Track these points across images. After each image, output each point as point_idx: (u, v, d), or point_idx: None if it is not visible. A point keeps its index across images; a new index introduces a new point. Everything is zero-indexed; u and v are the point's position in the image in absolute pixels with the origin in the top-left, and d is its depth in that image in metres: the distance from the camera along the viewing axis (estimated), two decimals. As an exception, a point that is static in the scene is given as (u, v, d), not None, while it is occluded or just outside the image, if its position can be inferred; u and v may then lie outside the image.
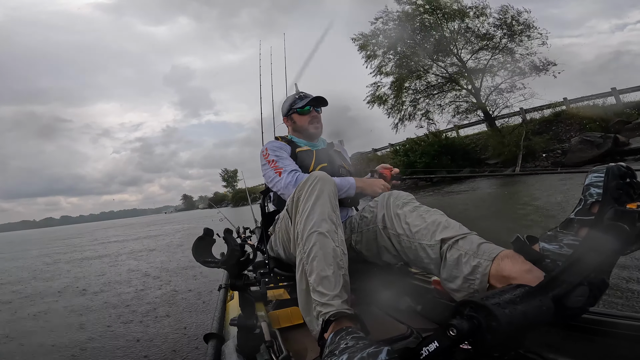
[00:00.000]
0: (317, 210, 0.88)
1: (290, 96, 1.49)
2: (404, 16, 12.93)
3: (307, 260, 0.84)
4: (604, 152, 8.02)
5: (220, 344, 0.89)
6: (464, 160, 12.03)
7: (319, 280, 0.80)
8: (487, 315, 0.48)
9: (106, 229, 20.33)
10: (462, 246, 0.81)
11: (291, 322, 1.01)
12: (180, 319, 2.42)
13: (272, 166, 1.23)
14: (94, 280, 4.28)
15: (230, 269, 0.79)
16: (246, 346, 0.81)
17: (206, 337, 0.91)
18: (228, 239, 0.75)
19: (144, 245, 8.06)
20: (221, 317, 1.10)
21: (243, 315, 0.80)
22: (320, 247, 0.83)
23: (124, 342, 2.09)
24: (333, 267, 0.82)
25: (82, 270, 5.27)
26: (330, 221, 0.87)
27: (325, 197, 0.90)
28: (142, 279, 4.04)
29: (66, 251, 9.05)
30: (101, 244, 10.17)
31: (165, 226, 15.81)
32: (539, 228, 3.46)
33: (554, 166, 9.11)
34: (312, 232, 0.85)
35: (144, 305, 2.89)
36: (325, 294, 0.78)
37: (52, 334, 2.39)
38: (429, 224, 0.89)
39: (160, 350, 1.91)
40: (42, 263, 6.79)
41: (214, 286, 2.62)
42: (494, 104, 12.46)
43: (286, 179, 1.17)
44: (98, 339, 2.20)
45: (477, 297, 0.53)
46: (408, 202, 1.01)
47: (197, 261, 0.75)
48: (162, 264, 5.00)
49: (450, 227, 0.87)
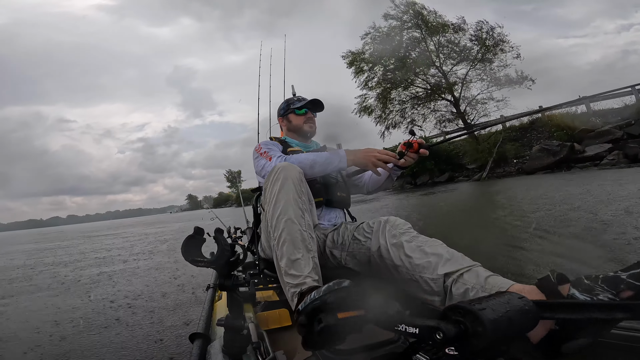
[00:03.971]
0: (282, 198, 0.90)
1: (288, 97, 1.50)
2: (391, 31, 13.95)
3: (277, 247, 0.85)
4: (559, 159, 8.78)
5: (206, 344, 0.87)
6: (447, 164, 12.83)
7: (290, 264, 0.82)
8: (473, 321, 0.48)
9: (132, 226, 19.35)
10: (468, 280, 0.79)
11: (280, 324, 1.00)
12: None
13: (264, 155, 1.22)
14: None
15: (220, 269, 0.78)
16: (233, 347, 0.79)
17: (192, 337, 0.90)
18: (219, 238, 0.75)
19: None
20: (208, 316, 1.09)
21: (231, 315, 0.79)
22: (288, 232, 0.85)
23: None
24: (302, 251, 0.83)
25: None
26: (296, 206, 0.89)
27: (289, 184, 0.91)
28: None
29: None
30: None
31: (200, 222, 15.05)
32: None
33: (518, 172, 9.99)
34: (279, 219, 0.87)
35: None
36: (297, 276, 0.80)
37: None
38: (430, 257, 0.86)
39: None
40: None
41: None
42: (473, 112, 13.42)
43: (276, 162, 1.15)
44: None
45: (465, 302, 0.53)
46: (405, 231, 0.97)
47: (186, 260, 0.74)
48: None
49: (452, 259, 0.84)
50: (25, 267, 5.51)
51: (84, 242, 9.82)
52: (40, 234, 22.75)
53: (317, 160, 1.12)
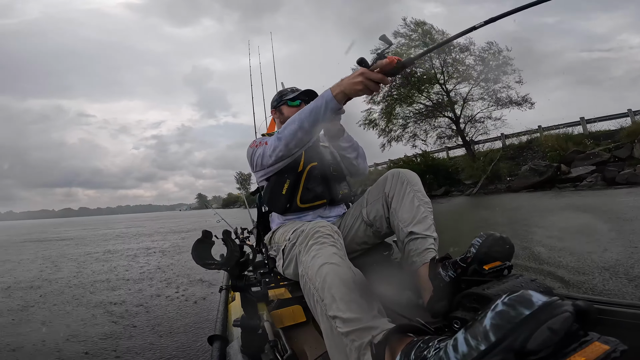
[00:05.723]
0: (321, 254, 0.76)
1: (281, 89, 1.43)
2: (399, 49, 14.84)
3: (322, 294, 0.68)
4: (544, 179, 9.10)
5: (225, 345, 0.89)
6: (445, 179, 13.33)
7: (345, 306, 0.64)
8: (488, 304, 0.44)
9: (157, 219, 20.82)
10: (417, 244, 0.90)
11: (294, 320, 0.99)
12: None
13: (260, 145, 1.14)
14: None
15: (231, 271, 0.79)
16: (251, 346, 0.80)
17: (210, 339, 0.91)
18: (227, 240, 0.76)
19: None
20: (224, 318, 1.10)
21: (246, 315, 0.80)
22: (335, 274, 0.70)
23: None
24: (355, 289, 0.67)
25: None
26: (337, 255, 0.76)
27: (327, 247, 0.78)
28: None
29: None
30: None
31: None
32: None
33: (507, 189, 10.31)
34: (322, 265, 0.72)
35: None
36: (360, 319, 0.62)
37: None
38: (414, 212, 0.96)
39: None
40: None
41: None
42: (472, 130, 13.98)
43: (272, 142, 1.07)
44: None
45: (479, 288, 0.55)
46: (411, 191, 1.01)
47: (197, 263, 0.74)
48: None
49: (421, 224, 0.94)
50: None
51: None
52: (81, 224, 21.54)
53: (304, 117, 0.95)
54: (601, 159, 9.15)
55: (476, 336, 0.39)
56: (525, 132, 13.57)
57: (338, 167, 1.28)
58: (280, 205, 1.16)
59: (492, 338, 0.37)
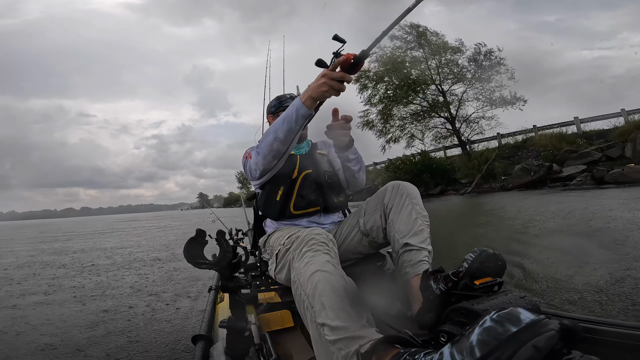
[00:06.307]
0: (314, 261, 0.77)
1: (280, 95, 1.38)
2: (395, 52, 14.76)
3: (312, 300, 0.69)
4: (536, 178, 9.22)
5: (209, 345, 0.88)
6: (442, 178, 13.42)
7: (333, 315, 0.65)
8: (476, 319, 0.44)
9: (171, 217, 20.62)
10: (412, 256, 0.92)
11: (282, 325, 0.98)
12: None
13: (248, 158, 1.14)
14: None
15: (222, 271, 0.78)
16: (235, 348, 0.79)
17: (194, 339, 0.89)
18: (220, 240, 0.75)
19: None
20: (210, 318, 1.09)
21: (233, 317, 0.79)
22: (327, 281, 0.71)
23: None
24: (345, 298, 0.68)
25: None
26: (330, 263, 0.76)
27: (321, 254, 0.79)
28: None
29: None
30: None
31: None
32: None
33: (501, 188, 10.44)
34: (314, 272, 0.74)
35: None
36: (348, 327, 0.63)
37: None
38: (411, 224, 0.97)
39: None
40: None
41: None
42: (467, 130, 14.13)
43: (254, 157, 1.09)
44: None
45: (467, 303, 0.55)
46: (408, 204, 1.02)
47: (189, 262, 0.73)
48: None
49: (417, 236, 0.95)
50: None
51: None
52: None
53: (278, 127, 0.97)
54: (592, 158, 9.28)
55: (462, 351, 0.40)
56: (521, 131, 13.74)
57: (334, 175, 1.27)
58: (274, 211, 1.17)
59: (477, 354, 0.38)
